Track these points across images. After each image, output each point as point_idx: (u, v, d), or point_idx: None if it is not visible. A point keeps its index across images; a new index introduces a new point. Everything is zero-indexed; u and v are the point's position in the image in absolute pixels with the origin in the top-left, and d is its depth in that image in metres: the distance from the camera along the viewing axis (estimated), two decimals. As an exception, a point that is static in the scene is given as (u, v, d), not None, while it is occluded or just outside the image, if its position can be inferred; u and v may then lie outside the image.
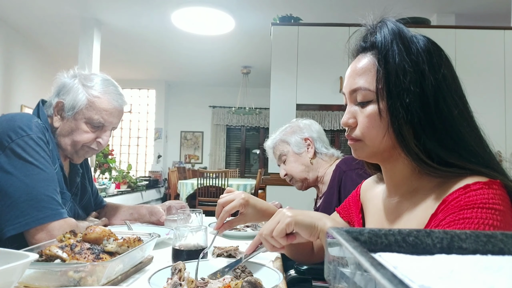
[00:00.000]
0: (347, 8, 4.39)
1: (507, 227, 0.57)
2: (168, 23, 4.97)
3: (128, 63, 7.10)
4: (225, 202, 1.01)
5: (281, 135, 1.55)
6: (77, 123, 1.20)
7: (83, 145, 1.22)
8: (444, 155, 0.64)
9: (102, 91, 1.21)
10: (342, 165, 1.37)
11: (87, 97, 1.19)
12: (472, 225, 0.56)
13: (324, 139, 1.55)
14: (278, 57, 3.44)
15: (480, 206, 0.57)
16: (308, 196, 3.14)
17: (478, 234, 0.34)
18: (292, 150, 1.52)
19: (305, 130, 1.53)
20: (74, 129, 1.20)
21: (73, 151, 1.22)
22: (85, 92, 1.19)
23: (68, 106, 1.19)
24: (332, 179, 1.38)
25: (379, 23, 0.71)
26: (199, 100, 8.75)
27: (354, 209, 0.90)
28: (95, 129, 1.22)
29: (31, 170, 1.03)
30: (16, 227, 0.98)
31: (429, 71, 0.65)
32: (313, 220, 0.75)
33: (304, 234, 0.75)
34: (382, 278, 0.22)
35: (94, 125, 1.21)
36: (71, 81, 1.21)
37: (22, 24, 5.20)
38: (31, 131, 1.08)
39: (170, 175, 6.58)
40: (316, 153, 1.51)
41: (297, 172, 1.51)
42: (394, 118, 0.65)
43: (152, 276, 0.75)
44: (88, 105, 1.19)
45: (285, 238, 0.76)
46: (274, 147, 1.57)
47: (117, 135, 8.67)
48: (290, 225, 0.74)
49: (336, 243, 0.32)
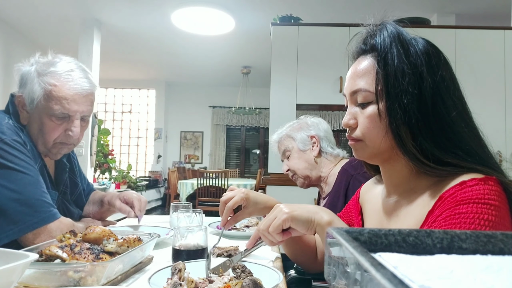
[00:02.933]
0: (347, 8, 4.39)
1: (502, 222, 0.58)
2: (168, 23, 4.97)
3: (128, 63, 7.10)
4: (227, 199, 1.05)
5: (287, 130, 1.54)
6: (40, 117, 1.08)
7: (54, 142, 1.11)
8: (441, 155, 0.65)
9: (59, 77, 1.07)
10: (349, 168, 1.34)
11: (43, 87, 1.06)
12: (467, 219, 0.57)
13: (331, 139, 1.54)
14: (278, 57, 3.44)
15: (475, 201, 0.58)
16: (308, 196, 3.14)
17: (478, 234, 0.34)
18: (297, 146, 1.50)
19: (312, 128, 1.51)
20: (40, 125, 1.09)
21: (46, 149, 1.12)
22: (40, 81, 1.06)
23: (27, 99, 1.08)
24: (338, 182, 1.36)
25: (379, 26, 0.73)
26: (199, 100, 8.75)
27: (354, 211, 0.91)
28: (61, 121, 1.09)
29: (14, 176, 0.97)
30: (9, 235, 0.95)
31: (427, 73, 0.66)
32: (309, 215, 0.76)
33: (301, 229, 0.77)
34: (382, 278, 0.22)
35: (58, 116, 1.08)
36: (27, 69, 1.09)
37: (22, 24, 5.20)
38: (4, 135, 1.00)
39: (170, 175, 6.58)
40: (321, 152, 1.49)
41: (300, 169, 1.50)
42: (392, 118, 0.66)
43: (152, 276, 0.75)
44: (46, 96, 1.06)
45: (281, 234, 0.78)
46: (279, 141, 1.56)
47: (117, 135, 8.67)
48: (287, 221, 0.76)
49: (336, 243, 0.32)
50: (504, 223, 0.58)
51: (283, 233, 0.78)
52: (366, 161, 0.78)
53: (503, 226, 0.57)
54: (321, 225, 0.75)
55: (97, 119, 5.35)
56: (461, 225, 0.57)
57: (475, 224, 0.57)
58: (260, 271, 0.83)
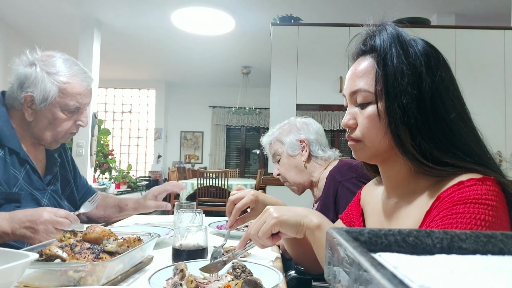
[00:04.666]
0: (347, 8, 4.39)
1: (500, 222, 0.58)
2: (168, 23, 4.96)
3: (128, 63, 7.10)
4: (236, 199, 1.05)
5: (277, 133, 1.49)
6: (53, 112, 1.17)
7: (65, 133, 1.21)
8: (439, 155, 0.65)
9: (69, 74, 1.17)
10: (336, 174, 1.29)
11: (57, 86, 1.15)
12: (464, 219, 0.57)
13: (322, 141, 1.47)
14: (278, 57, 3.44)
15: (473, 201, 0.58)
16: (308, 196, 3.14)
17: (478, 234, 0.34)
18: (286, 151, 1.45)
19: (302, 131, 1.45)
20: (52, 120, 1.17)
21: (53, 140, 1.21)
22: (53, 80, 1.14)
23: (39, 99, 1.14)
24: (326, 189, 1.31)
25: (378, 27, 0.73)
26: (199, 100, 8.75)
27: (355, 213, 0.92)
28: (72, 114, 1.20)
29: None
30: None
31: (426, 74, 0.67)
32: (298, 218, 0.76)
33: (290, 233, 0.77)
34: (382, 278, 0.22)
35: (71, 110, 1.19)
36: (32, 70, 1.15)
37: (22, 24, 5.20)
38: None
39: (170, 175, 6.58)
40: (311, 156, 1.43)
41: (291, 176, 1.47)
42: (392, 118, 0.67)
43: (152, 276, 0.75)
44: (60, 93, 1.15)
45: (270, 238, 0.78)
46: (270, 144, 1.52)
47: (117, 135, 8.67)
48: (275, 226, 0.76)
49: (336, 243, 0.32)
50: (502, 223, 0.58)
51: (273, 237, 0.78)
52: (365, 161, 0.79)
53: (500, 227, 0.57)
54: (310, 229, 0.75)
55: (97, 119, 5.34)
56: (458, 225, 0.57)
57: (471, 224, 0.57)
58: (260, 271, 0.83)
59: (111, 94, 8.70)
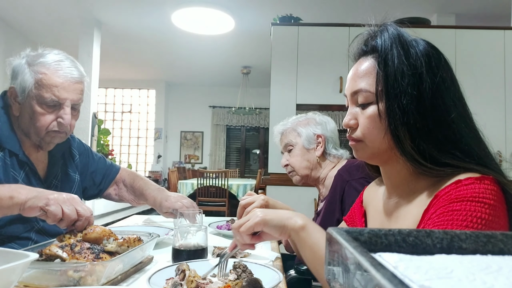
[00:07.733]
0: (347, 8, 4.39)
1: (497, 221, 0.58)
2: (168, 23, 4.96)
3: (128, 63, 7.10)
4: (247, 204, 1.06)
5: (293, 124, 1.48)
6: (31, 105, 1.10)
7: (47, 131, 1.13)
8: (438, 156, 0.65)
9: (49, 66, 1.09)
10: (344, 173, 1.29)
11: (33, 76, 1.08)
12: (460, 216, 0.57)
13: (336, 140, 1.47)
14: (278, 57, 3.44)
15: (469, 199, 0.58)
16: (309, 196, 3.14)
17: (478, 234, 0.34)
18: (301, 143, 1.44)
19: (320, 127, 1.44)
20: (31, 114, 1.11)
21: (39, 138, 1.14)
22: (31, 71, 1.09)
23: (19, 90, 1.10)
24: (333, 188, 1.31)
25: (380, 27, 0.73)
26: (199, 100, 8.75)
27: (358, 214, 0.92)
28: (51, 109, 1.11)
29: None
30: None
31: (427, 74, 0.67)
32: (282, 220, 0.76)
33: (273, 233, 0.77)
34: (382, 278, 0.22)
35: (48, 104, 1.10)
36: (17, 62, 1.12)
37: (22, 24, 5.20)
38: None
39: (170, 175, 6.58)
40: (325, 153, 1.44)
41: (300, 167, 1.45)
42: (391, 119, 0.67)
43: (152, 276, 0.75)
44: (36, 84, 1.08)
45: (250, 236, 0.78)
46: (283, 133, 1.50)
47: (117, 135, 8.67)
48: (259, 224, 0.76)
49: (336, 243, 0.32)
50: (499, 222, 0.58)
51: (253, 236, 0.78)
52: (366, 161, 0.79)
53: (498, 225, 0.57)
54: (295, 230, 0.75)
55: (97, 119, 5.34)
56: (454, 222, 0.57)
57: (467, 222, 0.57)
58: (260, 271, 0.83)
59: (111, 94, 8.70)
